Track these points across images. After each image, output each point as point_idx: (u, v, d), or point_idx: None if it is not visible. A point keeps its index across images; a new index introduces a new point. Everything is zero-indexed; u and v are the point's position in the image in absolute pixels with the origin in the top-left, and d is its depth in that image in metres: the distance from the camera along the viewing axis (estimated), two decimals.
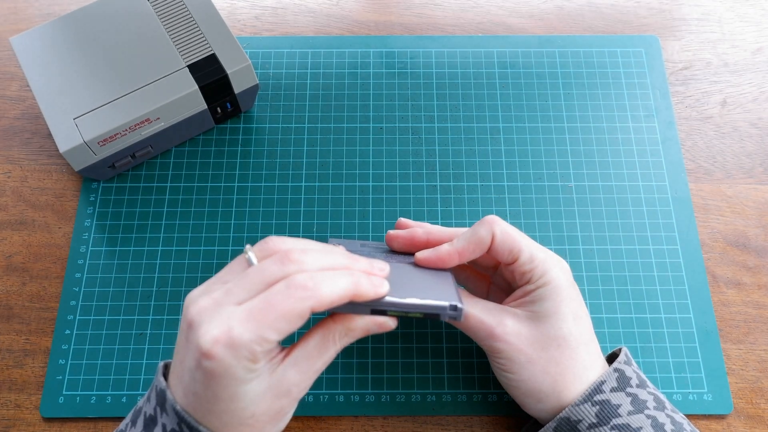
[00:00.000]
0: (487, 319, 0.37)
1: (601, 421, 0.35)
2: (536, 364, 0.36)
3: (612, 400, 0.35)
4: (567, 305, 0.37)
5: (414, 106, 0.53)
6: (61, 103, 0.46)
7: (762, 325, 0.46)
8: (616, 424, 0.35)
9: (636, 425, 0.35)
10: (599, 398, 0.35)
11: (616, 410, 0.35)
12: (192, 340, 0.30)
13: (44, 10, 0.58)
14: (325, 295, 0.30)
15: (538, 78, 0.54)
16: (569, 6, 0.59)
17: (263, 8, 0.59)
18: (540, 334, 0.36)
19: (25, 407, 0.44)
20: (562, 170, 0.51)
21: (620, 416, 0.35)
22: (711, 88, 0.55)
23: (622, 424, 0.35)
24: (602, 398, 0.35)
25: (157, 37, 0.49)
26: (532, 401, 0.37)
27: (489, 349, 0.37)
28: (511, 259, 0.37)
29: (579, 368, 0.36)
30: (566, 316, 0.37)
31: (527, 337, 0.36)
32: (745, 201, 0.50)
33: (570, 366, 0.36)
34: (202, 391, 0.31)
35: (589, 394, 0.35)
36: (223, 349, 0.29)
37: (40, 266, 0.48)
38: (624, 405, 0.35)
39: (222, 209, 0.49)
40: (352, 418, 0.43)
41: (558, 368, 0.36)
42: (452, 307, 0.34)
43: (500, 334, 0.36)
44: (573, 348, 0.37)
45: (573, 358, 0.36)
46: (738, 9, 0.58)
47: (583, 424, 0.35)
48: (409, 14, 0.58)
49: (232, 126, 0.53)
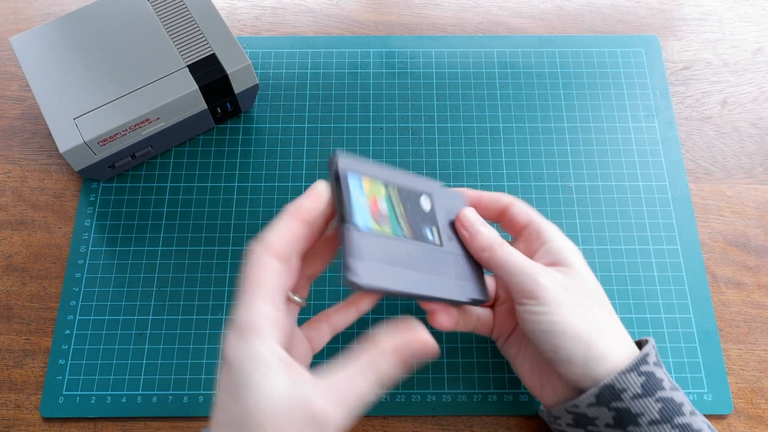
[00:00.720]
0: (526, 264, 0.36)
1: (647, 392, 0.34)
2: (575, 306, 0.36)
3: (656, 373, 0.35)
4: (589, 271, 0.38)
5: (414, 106, 0.53)
6: (61, 103, 0.46)
7: (762, 325, 0.46)
8: (661, 396, 0.34)
9: (679, 400, 0.35)
10: (645, 369, 0.35)
11: (661, 383, 0.35)
12: None
13: (44, 10, 0.58)
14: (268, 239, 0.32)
15: (538, 78, 0.54)
16: (569, 6, 0.59)
17: (263, 8, 0.59)
18: (573, 283, 0.37)
19: (25, 407, 0.44)
20: (562, 170, 0.51)
21: (665, 389, 0.35)
22: (711, 88, 0.55)
23: (667, 397, 0.34)
24: (648, 369, 0.35)
25: (157, 37, 0.49)
26: (563, 356, 0.35)
27: (528, 291, 0.36)
28: (524, 219, 0.39)
29: (615, 331, 0.36)
30: (592, 276, 0.38)
31: (563, 282, 0.36)
32: (745, 201, 0.50)
33: (607, 323, 0.36)
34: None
35: (636, 363, 0.35)
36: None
37: (40, 266, 0.48)
38: (665, 380, 0.35)
39: (222, 209, 0.49)
40: None
41: (594, 320, 0.36)
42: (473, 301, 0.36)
43: (541, 271, 0.36)
44: (606, 306, 0.37)
45: (609, 316, 0.37)
46: (738, 9, 0.58)
47: (627, 394, 0.34)
48: (409, 14, 0.58)
49: (232, 126, 0.53)
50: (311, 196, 0.33)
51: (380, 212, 0.35)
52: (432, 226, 0.38)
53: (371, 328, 0.38)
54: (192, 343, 0.45)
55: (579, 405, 0.35)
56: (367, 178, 0.36)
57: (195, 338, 0.45)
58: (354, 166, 0.35)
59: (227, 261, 0.48)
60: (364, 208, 0.34)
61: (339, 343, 0.45)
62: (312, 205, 0.33)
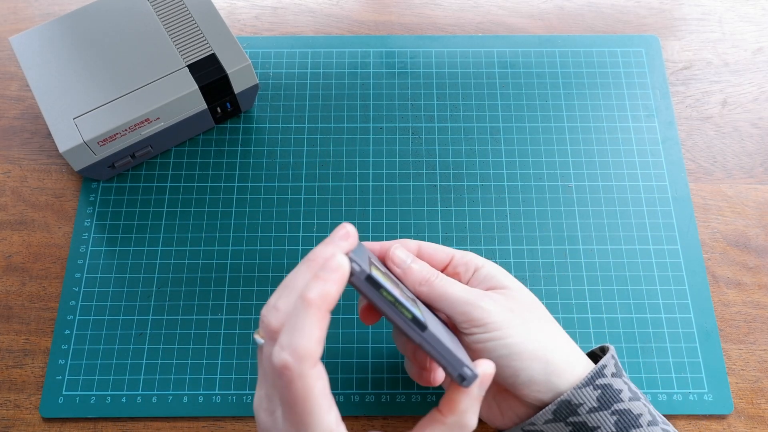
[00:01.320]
0: (468, 291, 0.36)
1: (603, 405, 0.34)
2: (524, 325, 0.35)
3: (614, 385, 0.35)
4: (525, 288, 0.38)
5: (414, 106, 0.53)
6: (61, 103, 0.46)
7: (762, 325, 0.46)
8: (617, 408, 0.34)
9: (636, 411, 0.34)
10: (601, 382, 0.35)
11: (618, 395, 0.35)
12: None
13: (44, 10, 0.58)
14: (304, 349, 0.27)
15: (538, 78, 0.54)
16: (569, 6, 0.59)
17: (263, 8, 0.59)
18: (516, 302, 0.36)
19: (25, 407, 0.44)
20: (562, 170, 0.51)
21: (622, 401, 0.35)
22: (711, 88, 0.55)
23: (624, 409, 0.34)
24: (604, 382, 0.35)
25: (157, 37, 0.49)
26: (524, 377, 0.35)
27: (475, 319, 0.35)
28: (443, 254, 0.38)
29: (565, 344, 0.36)
30: (530, 292, 0.38)
31: (506, 304, 0.36)
32: (745, 201, 0.50)
33: (557, 336, 0.36)
34: None
35: (591, 377, 0.35)
36: None
37: (40, 266, 0.48)
38: (624, 391, 0.35)
39: (222, 209, 0.49)
40: (352, 418, 0.43)
41: (545, 335, 0.36)
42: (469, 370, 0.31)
43: (483, 296, 0.35)
44: (551, 320, 0.37)
45: (557, 330, 0.37)
46: (738, 9, 0.58)
47: (583, 408, 0.34)
48: (409, 14, 0.58)
49: (232, 126, 0.53)
50: (337, 281, 0.29)
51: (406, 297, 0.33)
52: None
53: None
54: (192, 343, 0.45)
55: (536, 422, 0.35)
56: (378, 271, 0.33)
57: (195, 338, 0.45)
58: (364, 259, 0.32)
59: (227, 261, 0.48)
60: (407, 302, 0.31)
61: (339, 343, 0.45)
62: (339, 291, 0.29)
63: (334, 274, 0.29)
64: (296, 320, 0.28)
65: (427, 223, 0.49)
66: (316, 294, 0.28)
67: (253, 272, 0.47)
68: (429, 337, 0.31)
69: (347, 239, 0.32)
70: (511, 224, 0.49)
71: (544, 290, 0.47)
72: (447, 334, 0.34)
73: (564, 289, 0.47)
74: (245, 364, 0.44)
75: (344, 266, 0.29)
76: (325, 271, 0.29)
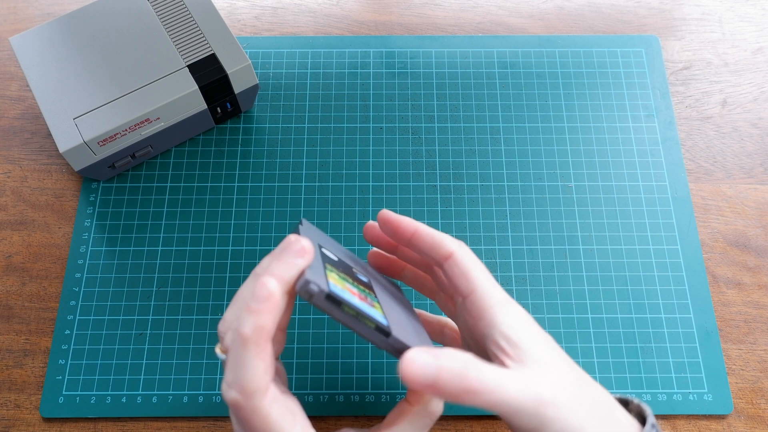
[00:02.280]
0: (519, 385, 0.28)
1: None
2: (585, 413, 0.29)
3: None
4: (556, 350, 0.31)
5: (414, 106, 0.53)
6: (61, 103, 0.46)
7: (762, 325, 0.46)
8: None
9: None
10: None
11: None
12: None
13: (44, 10, 0.58)
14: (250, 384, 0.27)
15: (538, 78, 0.54)
16: (569, 6, 0.59)
17: (263, 8, 0.59)
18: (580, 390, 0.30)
19: (25, 407, 0.44)
20: (562, 170, 0.51)
21: None
22: (711, 88, 0.55)
23: None
24: None
25: (157, 37, 0.49)
26: None
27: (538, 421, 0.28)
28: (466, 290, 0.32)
29: (615, 408, 0.31)
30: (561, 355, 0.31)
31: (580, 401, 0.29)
32: (745, 201, 0.50)
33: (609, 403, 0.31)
34: None
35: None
36: None
37: (40, 266, 0.48)
38: None
39: (222, 209, 0.49)
40: (352, 418, 0.43)
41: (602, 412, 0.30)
42: None
43: (545, 399, 0.28)
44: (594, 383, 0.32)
45: (604, 392, 0.31)
46: (738, 9, 0.58)
47: None
48: (409, 14, 0.58)
49: (232, 126, 0.53)
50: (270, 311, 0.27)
51: (366, 300, 0.31)
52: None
53: None
54: (192, 343, 0.45)
55: None
56: (333, 275, 0.31)
57: (195, 338, 0.45)
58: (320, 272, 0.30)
59: (227, 261, 0.48)
60: (370, 307, 0.30)
61: (339, 343, 0.45)
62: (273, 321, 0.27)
63: (265, 303, 0.27)
64: (236, 356, 0.27)
65: (427, 223, 0.49)
66: (249, 329, 0.27)
67: None
68: (394, 342, 0.30)
69: (303, 255, 0.29)
70: (511, 224, 0.49)
71: (544, 290, 0.47)
72: (407, 321, 0.33)
73: (564, 289, 0.47)
74: None
75: (275, 294, 0.27)
76: (255, 302, 0.27)
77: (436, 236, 0.33)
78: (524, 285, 0.47)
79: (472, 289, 0.31)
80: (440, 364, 0.27)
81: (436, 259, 0.33)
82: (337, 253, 0.35)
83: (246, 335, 0.27)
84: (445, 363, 0.27)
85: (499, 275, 0.47)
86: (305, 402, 0.43)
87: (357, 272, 0.34)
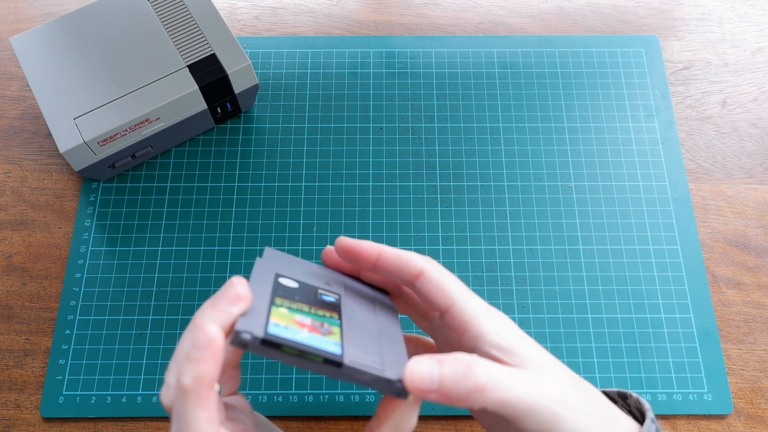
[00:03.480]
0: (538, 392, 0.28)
1: None
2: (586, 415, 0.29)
3: None
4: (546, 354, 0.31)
5: (414, 106, 0.53)
6: (61, 103, 0.46)
7: (762, 325, 0.46)
8: None
9: None
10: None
11: None
12: None
13: (44, 10, 0.58)
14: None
15: (538, 78, 0.54)
16: (569, 6, 0.59)
17: (263, 8, 0.59)
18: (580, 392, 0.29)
19: (25, 407, 0.44)
20: (562, 170, 0.51)
21: None
22: (711, 88, 0.55)
23: None
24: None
25: (157, 37, 0.49)
26: None
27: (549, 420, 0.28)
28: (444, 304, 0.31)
29: (613, 409, 0.31)
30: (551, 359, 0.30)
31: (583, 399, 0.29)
32: (745, 201, 0.50)
33: (608, 405, 0.30)
34: None
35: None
36: None
37: (40, 266, 0.48)
38: None
39: (222, 209, 0.49)
40: (352, 418, 0.43)
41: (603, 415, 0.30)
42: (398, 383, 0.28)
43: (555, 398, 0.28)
44: (588, 383, 0.31)
45: (601, 396, 0.31)
46: (738, 9, 0.58)
47: None
48: (409, 14, 0.58)
49: (232, 126, 0.53)
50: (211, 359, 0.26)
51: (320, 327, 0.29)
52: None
53: None
54: None
55: None
56: (281, 310, 0.29)
57: None
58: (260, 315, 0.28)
59: (227, 261, 0.48)
60: (319, 338, 0.28)
61: None
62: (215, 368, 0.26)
63: (206, 351, 0.26)
64: (179, 410, 0.26)
65: (427, 223, 0.49)
66: (189, 380, 0.26)
67: None
68: (348, 371, 0.28)
69: (238, 303, 0.28)
70: (511, 224, 0.49)
71: (544, 290, 0.47)
72: (382, 338, 0.30)
73: (564, 289, 0.47)
74: (245, 364, 0.44)
75: (216, 341, 0.26)
76: (196, 350, 0.26)
77: (403, 256, 0.31)
78: (524, 285, 0.47)
79: (451, 303, 0.30)
80: (443, 366, 0.27)
81: (405, 279, 0.31)
82: (303, 276, 0.33)
83: (186, 387, 0.26)
84: (448, 363, 0.27)
85: (499, 275, 0.47)
86: (305, 402, 0.43)
87: (323, 293, 0.32)
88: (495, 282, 0.47)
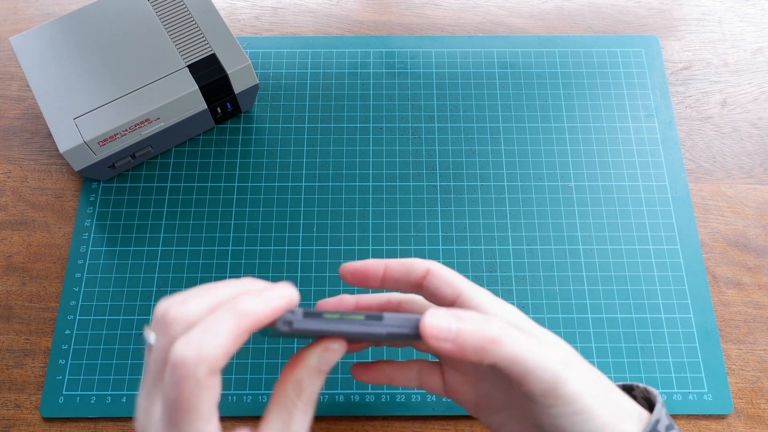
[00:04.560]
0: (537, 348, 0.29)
1: None
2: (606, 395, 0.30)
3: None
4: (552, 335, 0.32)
5: (414, 106, 0.53)
6: (61, 103, 0.46)
7: (762, 325, 0.46)
8: None
9: None
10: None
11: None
12: None
13: (44, 10, 0.58)
14: (211, 353, 0.25)
15: (538, 78, 0.54)
16: (569, 6, 0.59)
17: (263, 8, 0.59)
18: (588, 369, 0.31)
19: (25, 407, 0.44)
20: (562, 170, 0.51)
21: None
22: (711, 88, 0.55)
23: None
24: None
25: (157, 37, 0.49)
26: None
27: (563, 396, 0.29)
28: (452, 295, 0.32)
29: (620, 395, 0.31)
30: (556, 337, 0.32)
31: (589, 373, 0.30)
32: (745, 201, 0.50)
33: (615, 389, 0.31)
34: None
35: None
36: None
37: (40, 266, 0.48)
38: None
39: (222, 209, 0.49)
40: (352, 418, 0.43)
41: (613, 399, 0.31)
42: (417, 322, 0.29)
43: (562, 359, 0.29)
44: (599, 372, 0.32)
45: (607, 380, 0.32)
46: (738, 9, 0.58)
47: None
48: (409, 14, 0.58)
49: (232, 126, 0.53)
50: (273, 306, 0.27)
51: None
52: None
53: None
54: None
55: None
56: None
57: None
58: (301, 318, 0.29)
59: (227, 261, 0.48)
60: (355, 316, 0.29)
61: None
62: (269, 316, 0.27)
63: (276, 301, 0.27)
64: (213, 321, 0.26)
65: (427, 223, 0.49)
66: (249, 306, 0.26)
67: (253, 272, 0.47)
68: (390, 321, 0.29)
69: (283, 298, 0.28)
70: (511, 224, 0.49)
71: (544, 290, 0.47)
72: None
73: (564, 289, 0.47)
74: (245, 364, 0.44)
75: (292, 297, 0.27)
76: (269, 292, 0.27)
77: (407, 262, 0.33)
78: (524, 285, 0.47)
79: (459, 292, 0.32)
80: (461, 318, 0.28)
81: (413, 282, 0.33)
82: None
83: (240, 308, 0.26)
84: (465, 316, 0.29)
85: (499, 275, 0.47)
86: None
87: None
88: (495, 282, 0.47)
